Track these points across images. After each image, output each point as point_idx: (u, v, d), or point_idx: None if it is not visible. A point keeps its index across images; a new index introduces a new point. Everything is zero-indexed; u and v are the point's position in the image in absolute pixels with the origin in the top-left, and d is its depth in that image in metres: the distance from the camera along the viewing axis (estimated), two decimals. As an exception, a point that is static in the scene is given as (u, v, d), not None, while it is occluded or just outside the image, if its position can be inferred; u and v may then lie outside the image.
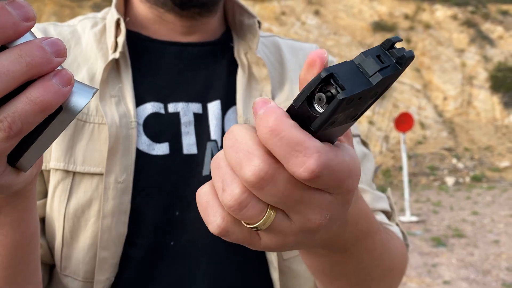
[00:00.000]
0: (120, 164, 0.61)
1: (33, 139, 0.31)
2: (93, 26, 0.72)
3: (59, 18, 14.50)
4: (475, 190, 10.08)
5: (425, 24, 17.49)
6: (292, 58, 0.79)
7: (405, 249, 0.68)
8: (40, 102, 0.29)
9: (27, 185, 0.38)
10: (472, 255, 5.33)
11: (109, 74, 0.65)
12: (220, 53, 0.73)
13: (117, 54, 0.65)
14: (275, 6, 17.06)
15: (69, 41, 0.69)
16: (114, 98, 0.64)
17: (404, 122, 7.10)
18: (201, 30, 0.72)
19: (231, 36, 0.75)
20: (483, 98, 15.07)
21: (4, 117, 0.29)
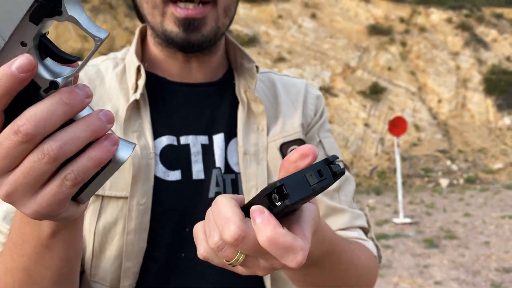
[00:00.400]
0: (141, 189, 0.72)
1: (90, 182, 0.44)
2: (114, 67, 0.83)
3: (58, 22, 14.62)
4: (468, 191, 10.24)
5: (420, 27, 17.65)
6: (285, 94, 0.89)
7: (375, 261, 0.81)
8: (97, 159, 0.40)
9: (81, 212, 0.52)
10: (463, 256, 5.48)
11: (131, 112, 0.76)
12: (223, 92, 0.84)
13: (138, 95, 0.75)
14: (272, 9, 17.15)
15: (94, 81, 0.80)
16: (136, 133, 0.75)
17: (397, 126, 7.23)
18: (206, 67, 0.83)
19: (233, 75, 0.86)
20: (477, 101, 15.25)
21: (72, 170, 0.40)
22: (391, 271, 5.01)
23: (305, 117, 0.87)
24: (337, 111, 13.81)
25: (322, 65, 15.18)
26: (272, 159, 0.80)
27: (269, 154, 0.80)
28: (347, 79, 14.94)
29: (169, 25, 0.73)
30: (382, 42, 16.52)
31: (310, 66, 15.01)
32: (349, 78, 15.00)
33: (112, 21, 15.41)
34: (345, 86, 14.65)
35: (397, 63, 15.92)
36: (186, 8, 0.71)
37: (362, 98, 14.34)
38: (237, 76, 0.85)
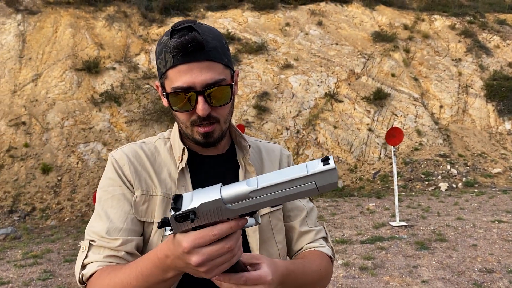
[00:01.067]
0: None
1: None
2: (165, 144, 1.16)
3: (75, 29, 15.15)
4: (464, 196, 10.49)
5: (423, 34, 17.93)
6: (267, 156, 1.24)
7: (330, 263, 1.18)
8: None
9: None
10: (450, 257, 5.83)
11: (179, 175, 1.09)
12: (229, 159, 1.17)
13: (183, 164, 1.09)
14: (279, 17, 17.57)
15: (154, 154, 1.14)
16: (183, 187, 1.08)
17: (394, 136, 7.61)
18: (219, 147, 1.16)
19: (234, 147, 1.20)
20: (478, 106, 15.53)
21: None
22: (383, 270, 5.46)
23: None
24: (341, 117, 14.24)
25: (327, 72, 15.60)
26: None
27: None
28: (352, 85, 15.32)
29: (196, 135, 1.07)
30: (386, 49, 16.87)
31: (316, 73, 15.45)
32: (353, 84, 15.38)
33: (127, 29, 15.92)
34: (349, 92, 15.05)
35: (400, 70, 16.25)
36: (204, 127, 1.04)
37: (366, 103, 14.71)
38: (237, 148, 1.19)
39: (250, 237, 1.11)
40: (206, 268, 0.76)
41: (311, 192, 0.70)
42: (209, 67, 0.99)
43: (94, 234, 1.03)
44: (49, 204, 10.43)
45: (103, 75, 13.98)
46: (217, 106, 1.03)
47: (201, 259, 0.74)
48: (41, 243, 7.84)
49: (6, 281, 5.63)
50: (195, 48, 0.97)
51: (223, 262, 0.76)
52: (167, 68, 1.01)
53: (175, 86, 1.00)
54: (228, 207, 0.72)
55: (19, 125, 12.10)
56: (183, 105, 1.01)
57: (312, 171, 0.68)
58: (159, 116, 12.90)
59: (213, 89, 1.00)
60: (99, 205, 1.08)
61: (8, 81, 13.17)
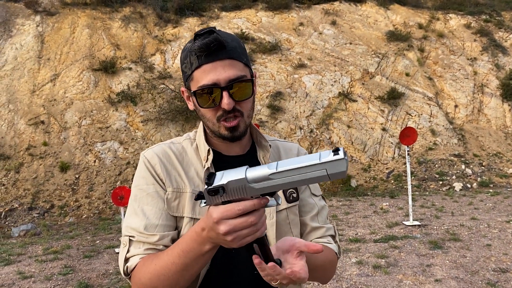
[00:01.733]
0: None
1: None
2: (191, 145, 1.24)
3: (92, 29, 15.41)
4: (479, 196, 10.43)
5: (438, 33, 17.80)
6: (285, 155, 1.31)
7: (335, 259, 1.26)
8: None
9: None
10: (464, 257, 5.84)
11: (205, 174, 1.16)
12: (251, 159, 1.24)
13: (209, 164, 1.16)
14: (293, 17, 17.61)
15: (182, 153, 1.21)
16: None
17: (408, 136, 7.64)
18: (240, 145, 1.23)
19: (255, 147, 1.27)
20: (493, 106, 15.39)
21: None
22: (396, 269, 5.51)
23: None
24: (355, 116, 14.25)
25: (341, 71, 15.61)
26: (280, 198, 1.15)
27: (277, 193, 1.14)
28: (366, 84, 15.31)
29: (223, 131, 1.14)
30: (401, 48, 16.81)
31: (330, 72, 15.47)
32: (367, 83, 15.36)
33: (143, 30, 16.14)
34: (363, 91, 15.04)
35: (414, 69, 16.18)
36: (229, 121, 1.12)
37: (380, 103, 14.69)
38: (258, 148, 1.27)
39: (268, 230, 1.17)
40: (232, 238, 0.86)
41: (322, 178, 0.80)
42: (231, 64, 1.09)
43: (132, 230, 1.11)
44: (67, 202, 10.67)
45: (120, 75, 14.20)
46: (240, 101, 1.11)
47: (227, 228, 0.85)
48: (60, 239, 8.05)
49: (28, 275, 5.82)
50: (217, 47, 1.07)
51: (247, 235, 0.87)
52: (193, 69, 1.10)
53: (201, 85, 1.08)
54: (251, 186, 0.84)
55: (38, 124, 12.38)
56: (210, 102, 1.10)
57: (323, 160, 0.78)
58: (174, 116, 13.07)
59: (236, 84, 1.09)
60: (135, 202, 1.16)
61: (27, 81, 13.47)
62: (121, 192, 6.51)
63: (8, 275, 5.85)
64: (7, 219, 9.92)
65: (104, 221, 9.58)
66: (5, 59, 13.95)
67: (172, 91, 13.70)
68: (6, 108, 12.66)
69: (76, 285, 5.38)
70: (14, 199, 10.48)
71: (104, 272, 5.87)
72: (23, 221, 9.85)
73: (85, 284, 5.39)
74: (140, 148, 12.30)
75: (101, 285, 5.42)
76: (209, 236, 0.91)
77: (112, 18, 16.15)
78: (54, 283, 5.49)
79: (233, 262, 1.15)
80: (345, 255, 6.15)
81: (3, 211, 10.07)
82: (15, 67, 13.77)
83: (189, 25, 16.53)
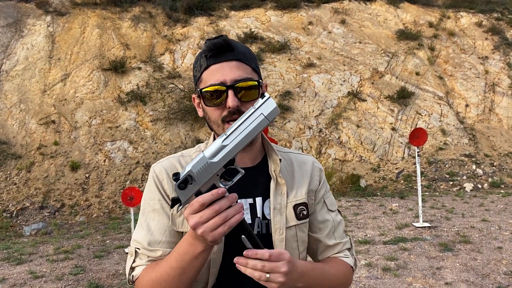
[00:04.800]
0: None
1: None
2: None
3: (102, 29, 15.50)
4: (490, 197, 10.30)
5: (449, 32, 17.64)
6: (298, 169, 1.29)
7: (350, 272, 1.24)
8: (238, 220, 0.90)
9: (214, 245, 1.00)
10: (475, 260, 5.78)
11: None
12: (261, 171, 1.23)
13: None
14: (302, 16, 17.55)
15: None
16: None
17: (418, 136, 7.58)
18: (251, 156, 1.23)
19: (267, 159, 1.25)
20: (505, 105, 15.21)
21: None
22: (406, 271, 5.48)
23: (312, 185, 1.28)
24: (365, 116, 14.18)
25: (350, 70, 15.54)
26: (289, 213, 1.20)
27: (287, 209, 1.20)
28: (375, 84, 15.23)
29: None
30: (411, 47, 16.68)
31: (339, 72, 15.41)
32: (377, 83, 15.28)
33: (152, 29, 16.20)
34: (373, 90, 14.97)
35: (425, 68, 16.05)
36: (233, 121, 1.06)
37: (390, 102, 14.60)
38: (269, 160, 1.25)
39: (277, 246, 1.17)
40: (201, 231, 0.90)
41: (264, 122, 0.89)
42: (238, 66, 1.12)
43: (137, 243, 1.16)
44: (78, 201, 10.76)
45: (129, 74, 14.28)
46: (245, 102, 1.12)
47: (194, 222, 0.90)
48: (71, 238, 8.12)
49: (40, 275, 5.89)
50: (225, 48, 1.11)
51: (216, 225, 0.90)
52: (202, 71, 1.13)
53: (208, 84, 1.11)
54: (212, 161, 0.90)
55: (49, 124, 12.50)
56: (215, 101, 1.12)
57: (257, 106, 0.89)
58: (183, 115, 13.11)
59: (242, 83, 1.11)
60: (143, 216, 1.19)
61: (38, 81, 13.60)
62: (130, 193, 6.56)
63: (19, 275, 5.92)
64: (18, 218, 10.03)
65: (114, 221, 9.65)
66: (17, 59, 14.09)
67: (181, 91, 13.74)
68: (18, 107, 12.79)
69: (87, 285, 5.43)
70: (26, 198, 10.60)
71: (114, 273, 5.92)
72: (34, 220, 9.96)
73: (95, 285, 5.44)
74: (149, 147, 12.37)
75: (111, 285, 5.47)
76: (195, 235, 0.95)
77: (122, 18, 16.24)
78: (65, 283, 5.55)
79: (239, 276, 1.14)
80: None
81: (15, 210, 10.19)
82: (26, 67, 13.90)
83: (198, 25, 16.56)
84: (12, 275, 5.92)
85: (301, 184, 1.26)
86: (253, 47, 15.66)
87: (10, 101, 12.94)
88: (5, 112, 12.66)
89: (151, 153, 12.20)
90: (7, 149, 11.65)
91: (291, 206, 1.21)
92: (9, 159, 11.46)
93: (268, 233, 1.18)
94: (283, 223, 1.18)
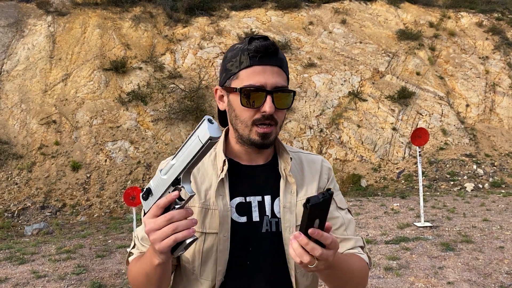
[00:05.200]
0: (224, 227, 1.14)
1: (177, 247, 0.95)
2: (210, 155, 1.24)
3: (103, 29, 15.50)
4: (491, 196, 10.30)
5: (449, 32, 17.65)
6: (308, 168, 1.29)
7: (366, 267, 1.22)
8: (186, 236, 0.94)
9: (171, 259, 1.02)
10: (477, 259, 5.79)
11: (218, 185, 1.16)
12: (271, 169, 1.24)
13: (223, 175, 1.16)
14: (303, 16, 17.56)
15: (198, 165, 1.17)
16: (221, 196, 1.16)
17: (419, 136, 7.58)
18: (263, 155, 1.24)
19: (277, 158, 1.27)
20: (505, 105, 15.22)
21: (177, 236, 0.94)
22: (408, 271, 5.48)
23: (321, 183, 1.28)
24: (365, 116, 14.18)
25: (351, 70, 15.54)
26: (299, 211, 1.18)
27: (297, 208, 1.19)
28: (376, 84, 15.23)
29: (254, 136, 1.15)
30: (411, 47, 16.69)
31: (340, 72, 15.41)
32: (378, 83, 15.28)
33: (153, 29, 16.20)
34: (373, 91, 14.97)
35: (425, 68, 16.06)
36: (264, 128, 1.13)
37: (391, 102, 14.60)
38: (279, 159, 1.26)
39: (287, 244, 1.17)
40: (152, 238, 0.94)
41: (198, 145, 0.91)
42: (279, 73, 1.14)
43: (136, 236, 1.26)
44: (79, 201, 10.77)
45: (130, 74, 14.28)
46: (279, 109, 1.13)
47: (148, 228, 0.95)
48: (72, 238, 8.13)
49: (42, 274, 5.89)
50: (273, 52, 1.13)
51: (164, 234, 0.93)
52: (241, 68, 1.13)
53: (248, 84, 1.11)
54: (163, 177, 0.98)
55: (50, 124, 12.50)
56: (252, 102, 1.11)
57: (194, 130, 0.93)
58: (184, 115, 13.12)
59: (281, 91, 1.12)
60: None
61: (39, 81, 13.60)
62: (132, 193, 6.56)
63: (22, 274, 5.93)
64: (20, 217, 10.04)
65: (115, 220, 9.66)
66: (17, 59, 14.10)
67: (182, 91, 13.74)
68: (19, 107, 12.79)
69: (89, 285, 5.44)
70: (27, 198, 10.60)
71: (116, 272, 5.93)
72: (35, 219, 9.96)
73: (98, 284, 5.44)
74: (150, 147, 12.37)
75: (114, 285, 5.48)
76: (153, 248, 0.99)
77: (123, 18, 16.24)
78: (68, 283, 5.56)
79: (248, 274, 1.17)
80: (356, 256, 6.12)
81: (16, 209, 10.19)
82: (27, 67, 13.91)
83: (198, 25, 16.56)
84: (15, 275, 5.92)
85: (311, 182, 1.26)
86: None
87: (11, 101, 12.95)
88: (6, 112, 12.66)
89: (152, 153, 12.21)
90: (8, 149, 11.65)
91: (301, 204, 1.16)
92: (10, 159, 11.46)
93: (278, 231, 1.18)
94: (293, 221, 1.17)
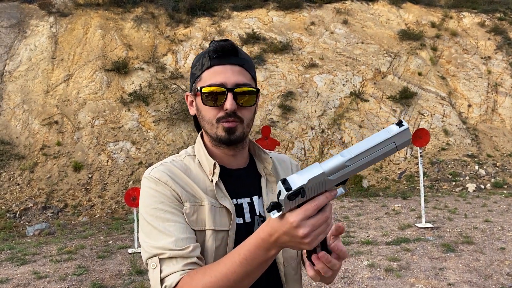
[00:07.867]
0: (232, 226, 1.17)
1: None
2: (193, 161, 1.24)
3: (105, 30, 15.54)
4: (493, 197, 10.30)
5: (451, 32, 17.63)
6: (280, 167, 1.35)
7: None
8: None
9: None
10: (477, 260, 5.79)
11: (216, 187, 1.17)
12: (252, 171, 1.28)
13: (217, 178, 1.17)
14: (305, 16, 17.56)
15: (187, 170, 1.20)
16: (222, 197, 1.17)
17: (421, 137, 7.59)
18: (240, 158, 1.26)
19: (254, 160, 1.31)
20: (508, 105, 15.19)
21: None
22: (409, 272, 5.49)
23: None
24: (367, 116, 14.18)
25: (353, 71, 15.54)
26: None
27: None
28: (378, 84, 15.22)
29: (220, 132, 1.16)
30: (413, 47, 16.67)
31: (341, 72, 15.41)
32: (379, 83, 15.28)
33: (154, 30, 16.23)
34: (375, 91, 14.96)
35: (427, 68, 16.04)
36: (228, 123, 1.14)
37: (392, 103, 14.60)
38: (257, 161, 1.31)
39: None
40: (310, 239, 0.88)
41: (391, 152, 0.85)
42: (240, 72, 1.16)
43: (160, 249, 1.06)
44: (81, 201, 10.80)
45: (132, 75, 14.31)
46: (242, 107, 1.16)
47: (307, 230, 0.87)
48: (74, 239, 8.15)
49: (43, 275, 5.91)
50: (231, 52, 1.15)
51: (322, 232, 0.89)
52: (203, 70, 1.16)
53: (209, 83, 1.14)
54: (330, 178, 0.85)
55: (52, 124, 12.54)
56: (213, 101, 1.14)
57: (393, 133, 0.83)
58: (186, 116, 13.14)
59: (242, 89, 1.14)
60: (155, 222, 1.11)
61: (41, 81, 13.64)
62: (134, 193, 6.58)
63: (23, 275, 5.95)
64: (22, 218, 10.07)
65: (117, 221, 9.68)
66: (20, 60, 14.14)
67: (184, 91, 13.77)
68: (21, 108, 12.84)
69: (90, 286, 5.45)
70: (29, 198, 10.64)
71: (117, 273, 5.94)
72: (37, 220, 9.99)
73: (99, 285, 5.46)
74: (152, 148, 12.39)
75: (115, 286, 5.49)
76: (279, 242, 0.92)
77: (124, 19, 16.27)
78: (69, 284, 5.58)
79: None
80: (356, 257, 6.13)
81: (18, 210, 10.23)
82: (29, 68, 13.95)
83: (200, 25, 16.58)
84: (16, 275, 5.94)
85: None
86: (255, 48, 15.67)
87: (13, 101, 12.99)
88: (8, 112, 12.70)
89: (153, 154, 12.23)
90: (10, 150, 11.69)
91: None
92: (12, 159, 11.50)
93: None
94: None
